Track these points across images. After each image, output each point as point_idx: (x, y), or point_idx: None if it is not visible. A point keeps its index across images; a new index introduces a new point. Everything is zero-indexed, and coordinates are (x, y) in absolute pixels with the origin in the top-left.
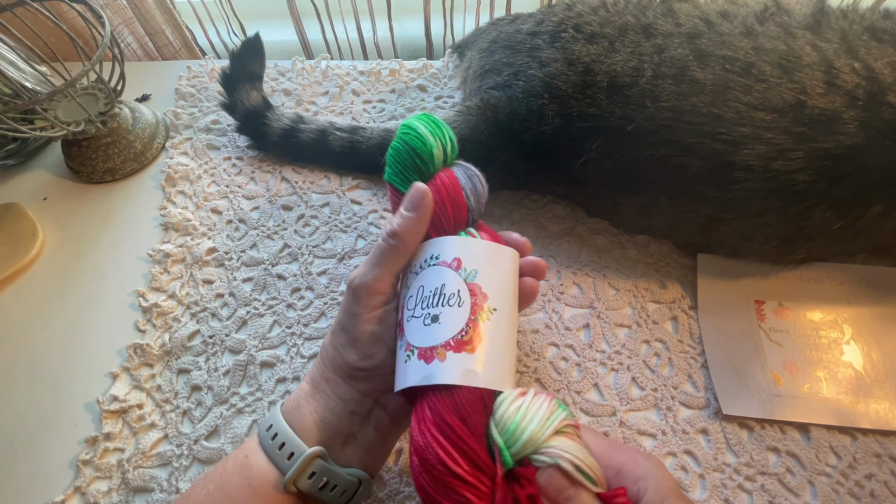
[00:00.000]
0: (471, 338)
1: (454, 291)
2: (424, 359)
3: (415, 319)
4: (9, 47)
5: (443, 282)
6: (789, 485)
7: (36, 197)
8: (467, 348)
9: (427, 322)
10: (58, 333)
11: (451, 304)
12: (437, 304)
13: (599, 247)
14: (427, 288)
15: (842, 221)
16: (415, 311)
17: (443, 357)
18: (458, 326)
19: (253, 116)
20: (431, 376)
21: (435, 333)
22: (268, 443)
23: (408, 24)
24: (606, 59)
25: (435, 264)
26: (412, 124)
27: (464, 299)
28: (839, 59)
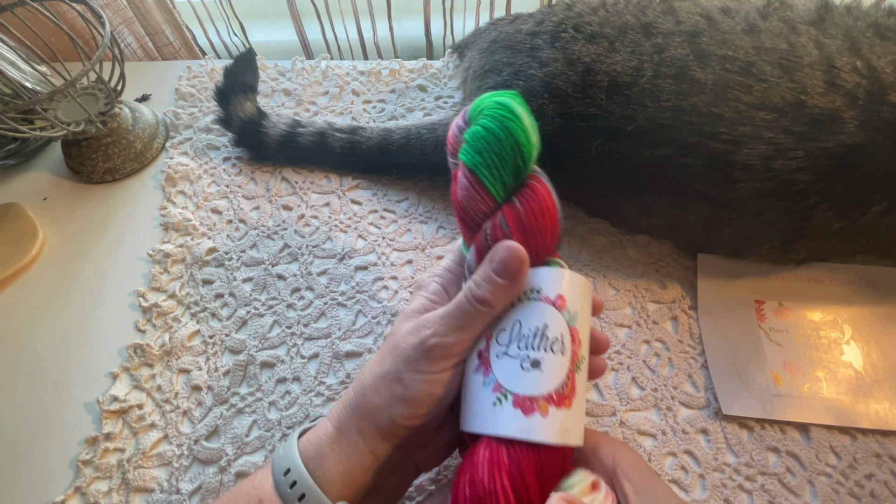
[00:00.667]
0: (570, 392)
1: (558, 336)
2: (522, 409)
3: (509, 359)
4: (9, 47)
5: (545, 322)
6: (789, 485)
7: (36, 197)
8: (566, 403)
9: (526, 366)
10: (58, 333)
11: (554, 350)
12: (538, 348)
13: (599, 247)
14: (526, 325)
15: (842, 221)
16: (509, 349)
17: (545, 412)
18: (560, 378)
19: (248, 127)
20: (532, 431)
21: (536, 382)
22: (286, 491)
23: (408, 24)
24: (606, 58)
25: (537, 299)
26: (513, 108)
27: (566, 346)
28: (841, 57)
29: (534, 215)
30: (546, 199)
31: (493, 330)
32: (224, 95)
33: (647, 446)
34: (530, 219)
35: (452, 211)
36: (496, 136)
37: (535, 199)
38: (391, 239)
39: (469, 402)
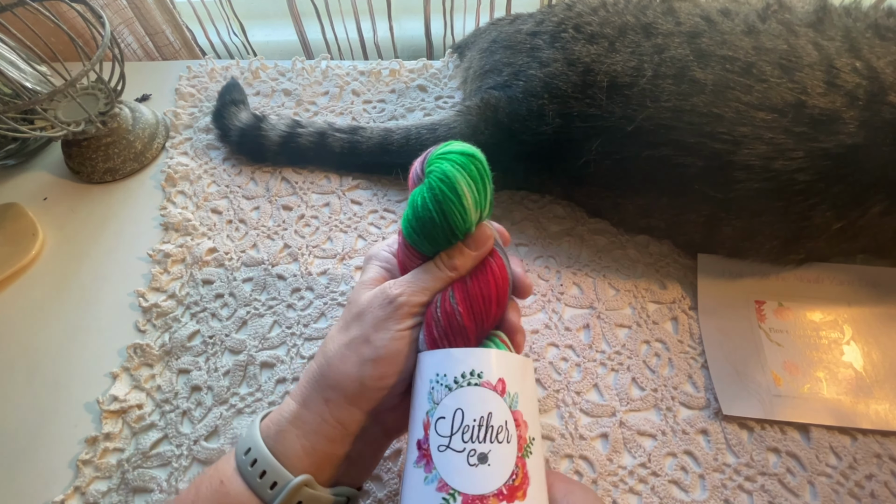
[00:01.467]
0: (522, 481)
1: (502, 423)
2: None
3: (453, 453)
4: (9, 47)
5: (489, 410)
6: (789, 485)
7: (36, 197)
8: (518, 495)
9: (473, 461)
10: (58, 333)
11: (500, 439)
12: (484, 440)
13: (599, 247)
14: (469, 415)
15: (842, 221)
16: (452, 442)
17: None
18: (508, 469)
19: (248, 132)
20: None
21: (484, 478)
22: (246, 469)
23: (408, 24)
24: (606, 59)
25: (477, 384)
26: (455, 185)
27: (511, 433)
28: (841, 57)
29: (481, 297)
30: (496, 281)
31: (431, 417)
32: (219, 113)
33: (647, 447)
34: (478, 300)
35: None
36: (431, 219)
37: (485, 281)
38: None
39: (410, 499)
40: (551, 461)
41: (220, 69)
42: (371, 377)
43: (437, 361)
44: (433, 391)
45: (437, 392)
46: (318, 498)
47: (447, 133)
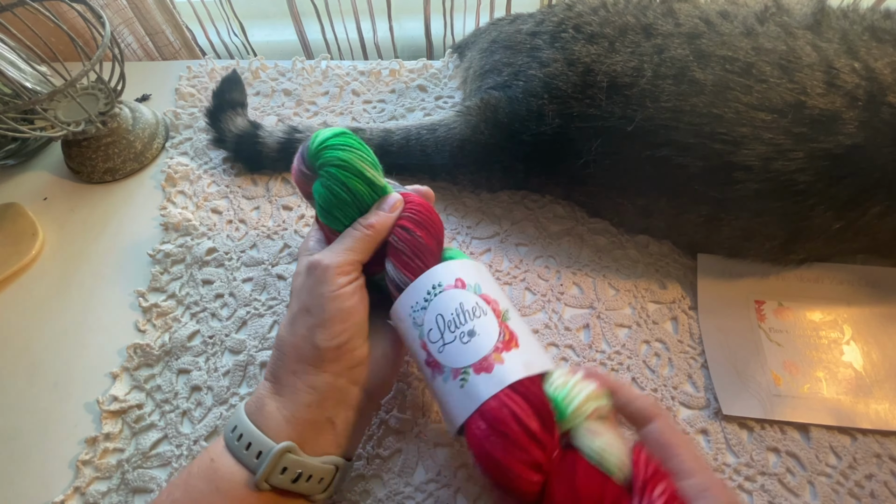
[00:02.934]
0: (510, 336)
1: (473, 305)
2: (485, 370)
3: (449, 345)
4: (9, 47)
5: (459, 301)
6: (789, 485)
7: (36, 197)
8: (514, 345)
9: (465, 340)
10: (58, 333)
11: (477, 315)
12: (465, 322)
13: (599, 247)
14: (446, 314)
15: (842, 221)
16: (445, 338)
17: (501, 360)
18: (495, 331)
19: (244, 140)
20: (501, 380)
21: (479, 345)
22: (234, 444)
23: (408, 24)
24: (606, 59)
25: (441, 291)
26: (352, 164)
27: (484, 308)
28: (839, 59)
29: (429, 221)
30: (424, 212)
31: (423, 337)
32: (214, 115)
33: None
34: (427, 223)
35: (451, 212)
36: (343, 200)
37: (422, 209)
38: None
39: (446, 403)
40: None
41: (220, 69)
42: (323, 339)
43: (405, 300)
44: (415, 319)
45: (417, 317)
46: (303, 464)
47: (447, 133)
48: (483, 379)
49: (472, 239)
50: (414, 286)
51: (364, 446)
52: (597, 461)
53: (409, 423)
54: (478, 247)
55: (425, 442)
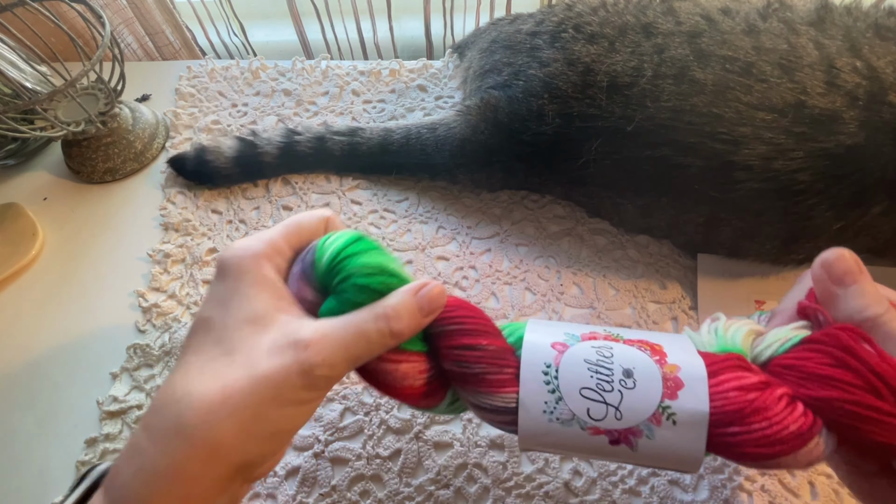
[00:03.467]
0: (649, 345)
1: (593, 352)
2: (676, 388)
3: (623, 403)
4: (9, 47)
5: (582, 358)
6: (789, 485)
7: (36, 197)
8: (659, 347)
9: (629, 385)
10: (58, 333)
11: (608, 355)
12: (610, 370)
13: (599, 247)
14: (586, 381)
15: (842, 221)
16: (610, 401)
17: (675, 367)
18: (638, 353)
19: (243, 157)
20: (699, 378)
21: (646, 375)
22: None
23: (408, 24)
24: (606, 59)
25: (556, 370)
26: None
27: (604, 346)
28: (841, 57)
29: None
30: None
31: (587, 425)
32: (199, 162)
33: None
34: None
35: (452, 212)
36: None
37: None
38: (391, 239)
39: (672, 455)
40: (550, 459)
41: (220, 69)
42: (255, 457)
43: (532, 415)
44: (560, 420)
45: (561, 415)
46: None
47: (447, 132)
48: (685, 396)
49: (472, 239)
50: (527, 393)
51: (364, 446)
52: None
53: (409, 423)
54: (478, 247)
55: (425, 442)
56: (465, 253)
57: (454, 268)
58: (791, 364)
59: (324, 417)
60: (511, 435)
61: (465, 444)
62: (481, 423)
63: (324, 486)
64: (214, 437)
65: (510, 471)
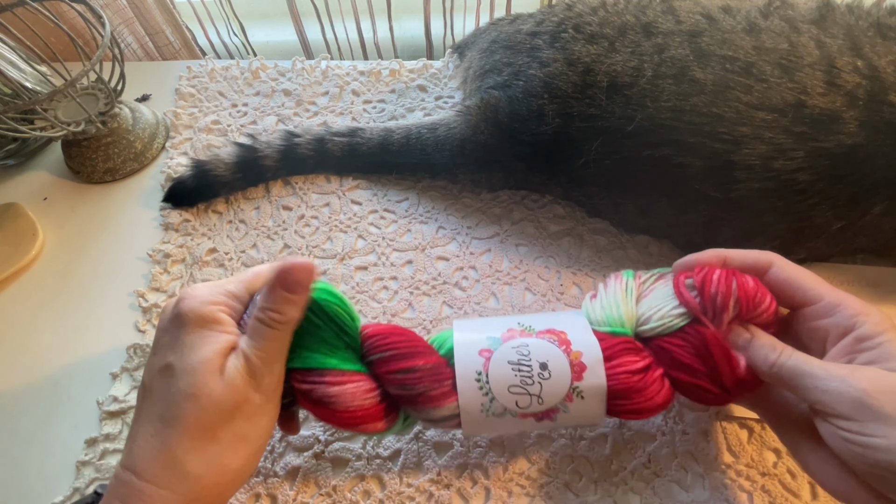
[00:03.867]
0: (554, 333)
1: (513, 351)
2: (581, 370)
3: (544, 391)
4: (9, 47)
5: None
6: (789, 485)
7: (36, 197)
8: (563, 335)
9: (546, 376)
10: (58, 333)
11: (525, 353)
12: (529, 367)
13: (599, 247)
14: (512, 381)
15: (842, 221)
16: (532, 391)
17: (579, 354)
18: (548, 345)
19: (244, 162)
20: (597, 359)
21: (558, 366)
22: None
23: (408, 24)
24: (606, 59)
25: (487, 375)
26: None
27: (521, 343)
28: (842, 56)
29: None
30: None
31: (517, 412)
32: (201, 175)
33: (647, 447)
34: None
35: (452, 212)
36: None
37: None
38: (391, 239)
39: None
40: (549, 459)
41: (220, 69)
42: (252, 470)
43: (472, 415)
44: (494, 413)
45: (494, 409)
46: None
47: (447, 132)
48: (589, 376)
49: (472, 239)
50: (466, 401)
51: (364, 446)
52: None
53: None
54: (478, 247)
55: (425, 442)
56: (465, 253)
57: (454, 268)
58: (668, 349)
59: None
60: (511, 435)
61: (465, 445)
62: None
63: (324, 486)
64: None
65: (510, 471)
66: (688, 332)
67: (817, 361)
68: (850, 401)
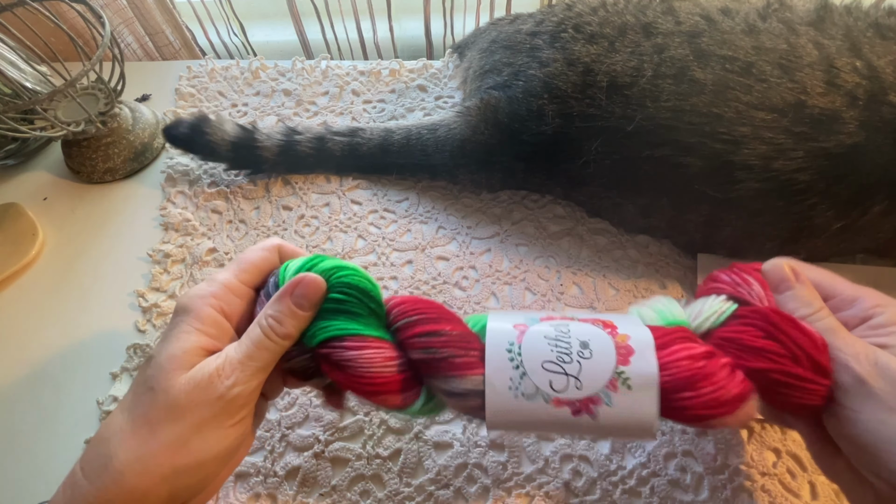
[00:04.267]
0: (602, 320)
1: (552, 329)
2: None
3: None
4: (9, 47)
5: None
6: (790, 485)
7: (36, 197)
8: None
9: (587, 354)
10: (58, 333)
11: (565, 331)
12: (568, 345)
13: (599, 247)
14: (548, 355)
15: (842, 221)
16: (570, 371)
17: (626, 336)
18: (592, 327)
19: (241, 145)
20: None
21: (601, 345)
22: None
23: (408, 24)
24: (606, 59)
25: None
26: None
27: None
28: (841, 57)
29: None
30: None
31: (551, 396)
32: (196, 134)
33: (647, 447)
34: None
35: (452, 212)
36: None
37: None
38: (391, 239)
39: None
40: (550, 459)
41: (220, 69)
42: (188, 487)
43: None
44: (524, 395)
45: (525, 390)
46: None
47: (447, 133)
48: (637, 361)
49: (472, 239)
50: (493, 371)
51: (364, 446)
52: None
53: (409, 423)
54: (478, 247)
55: (425, 442)
56: (465, 253)
57: (454, 268)
58: (730, 337)
59: (324, 417)
60: (511, 435)
61: (465, 445)
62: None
63: (324, 486)
64: (141, 482)
65: (510, 471)
66: (745, 315)
67: (844, 332)
68: (852, 377)
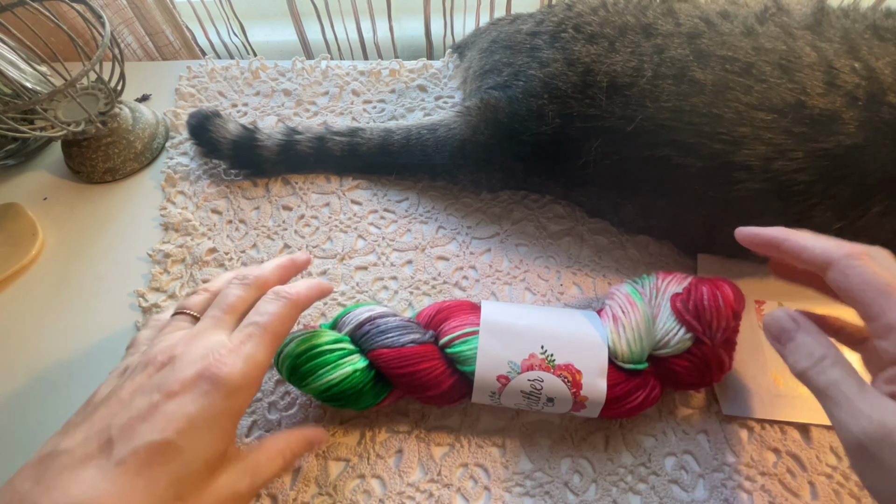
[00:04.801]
0: (568, 373)
1: (527, 384)
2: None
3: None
4: (9, 47)
5: (518, 390)
6: (789, 485)
7: (36, 197)
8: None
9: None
10: (58, 333)
11: (538, 387)
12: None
13: (599, 247)
14: (520, 402)
15: (842, 221)
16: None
17: (584, 397)
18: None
19: (243, 143)
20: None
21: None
22: None
23: (408, 24)
24: (606, 59)
25: (499, 395)
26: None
27: (536, 377)
28: (840, 58)
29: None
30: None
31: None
32: (201, 128)
33: (647, 446)
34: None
35: (452, 212)
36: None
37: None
38: (391, 239)
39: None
40: (549, 458)
41: (220, 69)
42: None
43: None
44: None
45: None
46: None
47: (447, 133)
48: (585, 412)
49: (472, 239)
50: (477, 399)
51: (364, 446)
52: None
53: (410, 423)
54: (478, 247)
55: (425, 442)
56: (465, 253)
57: (454, 268)
58: (674, 370)
59: (323, 417)
60: (511, 434)
61: (465, 444)
62: (481, 422)
63: (324, 486)
64: None
65: (510, 470)
66: (693, 353)
67: (850, 388)
68: (853, 442)
